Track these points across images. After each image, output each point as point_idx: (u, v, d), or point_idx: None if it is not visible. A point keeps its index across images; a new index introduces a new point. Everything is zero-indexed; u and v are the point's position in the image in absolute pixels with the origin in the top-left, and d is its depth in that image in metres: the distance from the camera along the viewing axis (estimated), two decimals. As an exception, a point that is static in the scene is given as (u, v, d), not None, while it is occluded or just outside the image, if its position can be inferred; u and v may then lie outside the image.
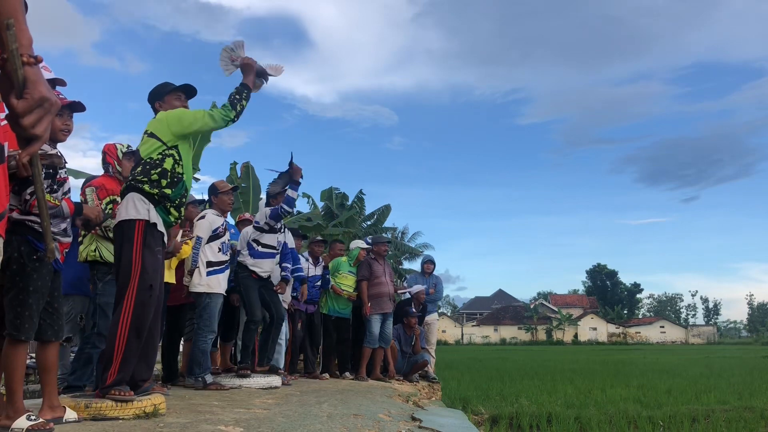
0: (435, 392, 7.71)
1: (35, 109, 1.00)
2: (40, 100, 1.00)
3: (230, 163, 18.14)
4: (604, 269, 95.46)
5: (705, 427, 6.82)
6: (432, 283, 8.61)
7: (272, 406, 3.95)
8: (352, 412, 3.90)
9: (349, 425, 3.32)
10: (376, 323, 7.28)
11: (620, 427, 6.74)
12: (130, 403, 3.13)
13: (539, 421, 6.95)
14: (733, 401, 8.37)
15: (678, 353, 33.43)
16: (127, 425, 2.91)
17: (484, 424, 7.00)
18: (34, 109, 1.00)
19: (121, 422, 2.98)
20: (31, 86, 1.00)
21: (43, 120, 1.01)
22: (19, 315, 2.74)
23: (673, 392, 9.61)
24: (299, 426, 3.14)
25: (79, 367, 4.35)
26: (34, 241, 2.79)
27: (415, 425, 3.84)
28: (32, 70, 1.01)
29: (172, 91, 3.84)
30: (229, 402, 4.11)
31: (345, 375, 7.33)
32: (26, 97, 0.99)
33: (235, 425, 3.04)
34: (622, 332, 75.45)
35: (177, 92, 3.85)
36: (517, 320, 77.17)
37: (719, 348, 48.91)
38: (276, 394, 4.84)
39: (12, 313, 2.73)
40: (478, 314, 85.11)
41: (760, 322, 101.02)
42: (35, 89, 1.00)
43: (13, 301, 2.74)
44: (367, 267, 7.47)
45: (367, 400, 4.81)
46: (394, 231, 25.98)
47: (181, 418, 3.22)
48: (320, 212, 20.63)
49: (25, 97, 0.99)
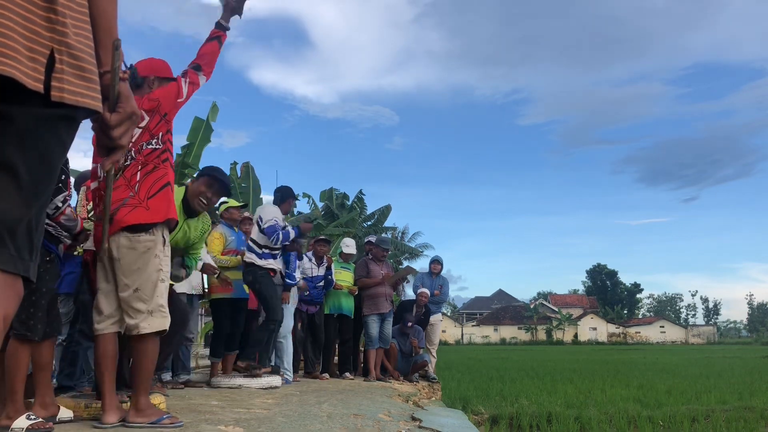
0: (435, 392, 7.70)
1: (125, 122, 1.07)
2: (131, 114, 1.08)
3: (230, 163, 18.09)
4: (604, 269, 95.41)
5: (705, 427, 6.83)
6: (438, 285, 8.55)
7: (272, 406, 3.95)
8: (352, 412, 3.90)
9: (349, 425, 3.32)
10: (374, 324, 7.27)
11: (620, 427, 6.74)
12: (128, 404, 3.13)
13: (539, 421, 6.96)
14: (733, 401, 8.38)
15: (678, 353, 33.42)
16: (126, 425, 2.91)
17: (484, 424, 7.00)
18: (124, 122, 1.07)
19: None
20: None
21: (129, 132, 1.10)
22: (31, 315, 2.78)
23: (673, 392, 9.61)
24: (299, 426, 3.14)
25: (67, 366, 4.36)
26: (46, 243, 2.83)
27: (415, 425, 3.83)
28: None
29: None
30: (229, 402, 4.11)
31: (345, 375, 7.33)
32: (119, 110, 1.07)
33: (235, 425, 3.04)
34: (622, 332, 75.39)
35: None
36: (517, 320, 77.10)
37: (719, 348, 48.90)
38: (276, 394, 4.84)
39: (25, 314, 2.76)
40: (478, 314, 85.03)
41: (760, 322, 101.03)
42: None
43: (26, 301, 2.75)
44: (364, 267, 7.47)
45: (367, 400, 4.81)
46: (394, 231, 25.94)
47: (181, 418, 3.22)
48: (320, 212, 20.62)
49: (118, 111, 1.06)
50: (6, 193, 0.89)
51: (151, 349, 2.97)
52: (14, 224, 0.89)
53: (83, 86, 0.96)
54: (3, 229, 0.88)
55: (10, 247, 0.89)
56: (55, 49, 0.93)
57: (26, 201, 0.91)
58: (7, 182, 0.89)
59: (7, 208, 0.88)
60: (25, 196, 0.91)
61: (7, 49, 0.87)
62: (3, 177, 0.88)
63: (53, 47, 0.93)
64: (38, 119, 0.92)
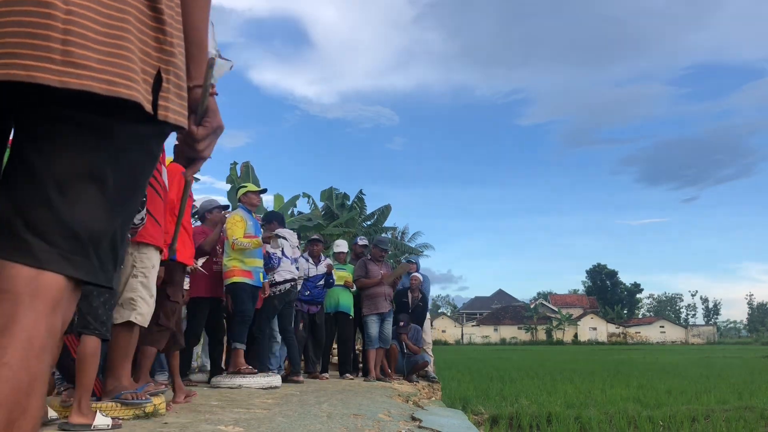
0: (435, 392, 7.69)
1: (210, 136, 1.10)
2: (218, 128, 1.11)
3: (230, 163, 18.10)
4: (604, 269, 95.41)
5: (705, 427, 6.83)
6: None
7: (272, 406, 3.95)
8: (352, 412, 3.89)
9: (349, 425, 3.31)
10: (374, 324, 7.26)
11: (620, 427, 6.75)
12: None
13: (539, 421, 6.96)
14: (733, 401, 8.38)
15: (678, 353, 33.43)
16: (127, 425, 2.92)
17: (484, 424, 7.00)
18: (209, 136, 1.10)
19: (121, 422, 2.98)
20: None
21: (213, 144, 1.12)
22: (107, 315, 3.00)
23: (673, 392, 9.61)
24: (299, 426, 3.14)
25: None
26: None
27: (415, 425, 3.83)
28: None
29: None
30: (229, 402, 4.11)
31: (345, 375, 7.32)
32: (206, 124, 1.08)
33: (235, 425, 3.04)
34: (622, 332, 75.37)
35: None
36: (517, 320, 77.07)
37: (719, 348, 48.91)
38: (276, 394, 4.84)
39: (105, 315, 2.99)
40: (478, 314, 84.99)
41: (760, 322, 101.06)
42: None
43: (106, 304, 3.00)
44: (362, 267, 7.47)
45: (367, 400, 4.81)
46: (394, 231, 25.91)
47: (181, 418, 3.22)
48: (320, 212, 20.61)
49: (205, 125, 1.08)
50: (93, 204, 0.89)
51: (123, 338, 3.25)
52: (100, 236, 0.90)
53: (181, 105, 0.99)
54: (88, 240, 0.89)
55: (94, 259, 0.90)
56: (162, 69, 0.95)
57: (112, 213, 0.92)
58: (95, 194, 0.89)
59: (93, 220, 0.89)
60: (112, 208, 0.92)
61: (131, 73, 0.89)
62: (91, 189, 0.89)
63: (160, 67, 0.95)
64: (137, 135, 0.94)
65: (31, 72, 0.82)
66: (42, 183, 0.86)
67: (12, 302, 0.82)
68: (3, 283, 0.83)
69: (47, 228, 0.86)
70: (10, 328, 0.81)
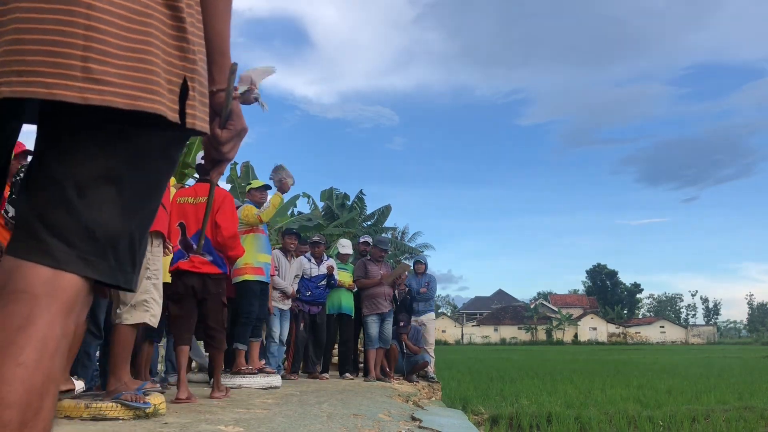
0: (435, 392, 7.70)
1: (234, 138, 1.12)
2: (242, 131, 1.12)
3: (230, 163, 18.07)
4: (604, 269, 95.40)
5: (705, 427, 6.83)
6: (425, 282, 8.57)
7: (272, 406, 3.95)
8: (352, 412, 3.90)
9: (349, 425, 3.32)
10: (374, 324, 7.27)
11: (620, 427, 6.75)
12: None
13: (539, 421, 6.96)
14: (733, 401, 8.38)
15: (678, 353, 33.44)
16: (127, 425, 2.92)
17: (484, 424, 7.01)
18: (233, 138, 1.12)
19: (121, 422, 2.98)
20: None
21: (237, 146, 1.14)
22: None
23: (673, 392, 9.61)
24: (299, 426, 3.14)
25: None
26: None
27: (415, 425, 3.83)
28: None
29: None
30: (229, 402, 4.11)
31: (345, 375, 7.32)
32: (230, 127, 1.10)
33: (235, 425, 3.04)
34: (622, 332, 75.37)
35: None
36: (517, 320, 77.07)
37: (719, 348, 48.92)
38: (276, 394, 4.84)
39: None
40: (478, 314, 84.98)
41: (760, 322, 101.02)
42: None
43: None
44: (362, 268, 7.47)
45: (367, 400, 4.81)
46: (394, 231, 25.95)
47: (181, 418, 3.22)
48: (320, 212, 20.62)
49: (229, 128, 1.10)
50: (111, 206, 0.89)
51: (127, 338, 3.32)
52: (117, 237, 0.90)
53: (205, 111, 1.00)
54: (105, 241, 0.89)
55: (111, 260, 0.90)
56: (188, 78, 0.96)
57: (129, 215, 0.92)
58: (114, 196, 0.90)
59: (110, 221, 0.89)
60: (130, 210, 0.92)
61: (154, 85, 0.89)
62: (108, 190, 0.89)
63: (186, 75, 0.96)
64: (158, 140, 0.95)
65: (53, 90, 0.83)
66: (61, 185, 0.87)
67: (29, 303, 0.82)
68: (20, 283, 0.83)
69: (66, 229, 0.86)
70: (26, 329, 0.81)
